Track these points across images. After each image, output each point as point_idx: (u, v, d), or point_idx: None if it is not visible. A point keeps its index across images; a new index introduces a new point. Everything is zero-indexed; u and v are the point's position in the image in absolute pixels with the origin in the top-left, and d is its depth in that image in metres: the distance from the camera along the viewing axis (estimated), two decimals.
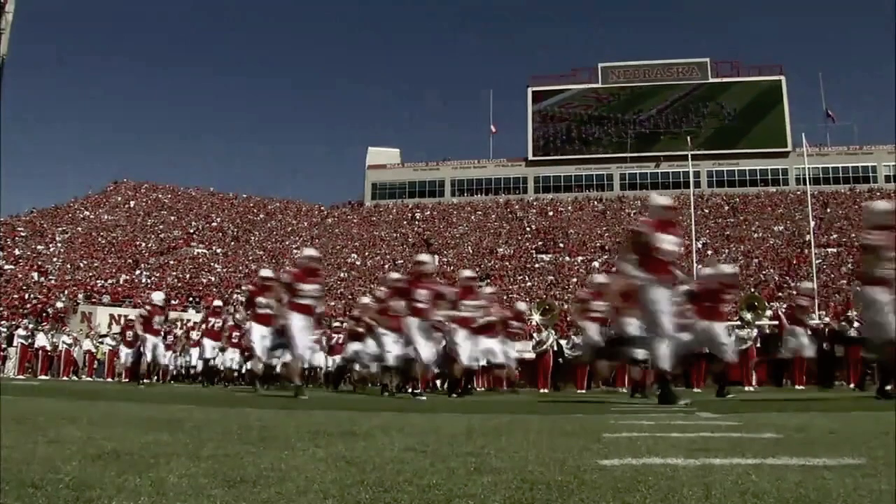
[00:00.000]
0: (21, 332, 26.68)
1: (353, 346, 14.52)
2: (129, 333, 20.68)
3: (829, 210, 55.24)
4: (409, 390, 11.29)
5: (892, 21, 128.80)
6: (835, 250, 46.52)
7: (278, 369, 13.61)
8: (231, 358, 18.70)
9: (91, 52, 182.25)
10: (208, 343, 18.40)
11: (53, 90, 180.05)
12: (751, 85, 66.47)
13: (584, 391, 17.25)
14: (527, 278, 47.51)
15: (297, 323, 10.14)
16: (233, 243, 55.31)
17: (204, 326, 19.57)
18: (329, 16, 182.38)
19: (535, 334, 19.04)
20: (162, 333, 18.50)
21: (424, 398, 9.94)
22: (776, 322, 18.26)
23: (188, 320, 32.68)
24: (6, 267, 41.01)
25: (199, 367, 20.52)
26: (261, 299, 12.35)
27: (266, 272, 13.67)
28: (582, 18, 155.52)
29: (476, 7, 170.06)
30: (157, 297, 17.72)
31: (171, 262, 48.39)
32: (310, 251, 11.48)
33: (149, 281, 43.17)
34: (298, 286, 10.26)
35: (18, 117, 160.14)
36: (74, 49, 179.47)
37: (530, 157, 68.00)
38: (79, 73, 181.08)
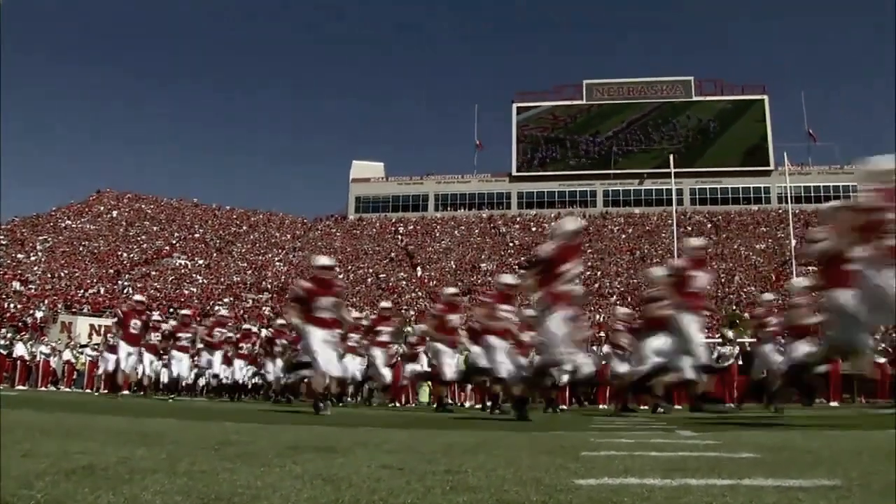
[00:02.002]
0: None
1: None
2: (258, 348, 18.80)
3: (810, 228, 55.66)
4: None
5: (891, 33, 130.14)
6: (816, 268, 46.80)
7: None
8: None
9: (73, 60, 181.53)
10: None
11: (37, 98, 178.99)
12: (734, 103, 67.04)
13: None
14: None
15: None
16: (215, 255, 55.07)
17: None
18: (316, 26, 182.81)
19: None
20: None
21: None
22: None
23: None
24: None
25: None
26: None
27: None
28: (568, 35, 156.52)
29: (463, 20, 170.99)
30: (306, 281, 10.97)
31: (153, 273, 48.11)
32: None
33: (130, 291, 42.91)
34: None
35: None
36: (60, 55, 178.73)
37: (514, 173, 68.19)
38: (64, 80, 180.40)
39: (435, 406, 14.50)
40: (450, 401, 16.99)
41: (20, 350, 26.11)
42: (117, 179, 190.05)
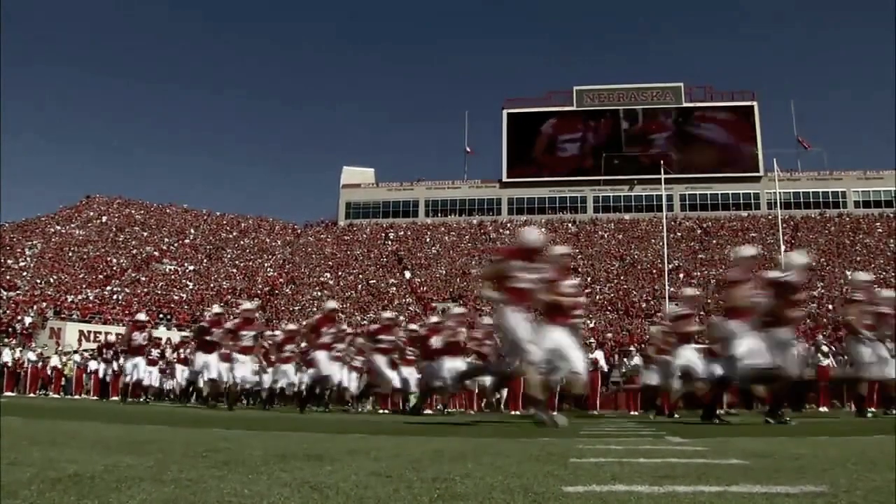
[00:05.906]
0: None
1: None
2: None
3: (799, 234, 55.92)
4: None
5: (890, 36, 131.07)
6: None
7: None
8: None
9: (62, 62, 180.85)
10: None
11: (26, 101, 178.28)
12: (723, 109, 67.26)
13: None
14: None
15: None
16: (205, 260, 54.90)
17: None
18: (307, 32, 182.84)
19: None
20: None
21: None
22: None
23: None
24: None
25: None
26: None
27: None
28: (559, 42, 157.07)
29: (453, 27, 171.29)
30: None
31: (143, 279, 47.94)
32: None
33: (120, 297, 42.75)
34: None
35: None
36: (48, 58, 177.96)
37: (504, 179, 68.21)
38: (52, 84, 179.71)
39: None
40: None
41: (8, 356, 25.97)
42: (107, 184, 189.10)
